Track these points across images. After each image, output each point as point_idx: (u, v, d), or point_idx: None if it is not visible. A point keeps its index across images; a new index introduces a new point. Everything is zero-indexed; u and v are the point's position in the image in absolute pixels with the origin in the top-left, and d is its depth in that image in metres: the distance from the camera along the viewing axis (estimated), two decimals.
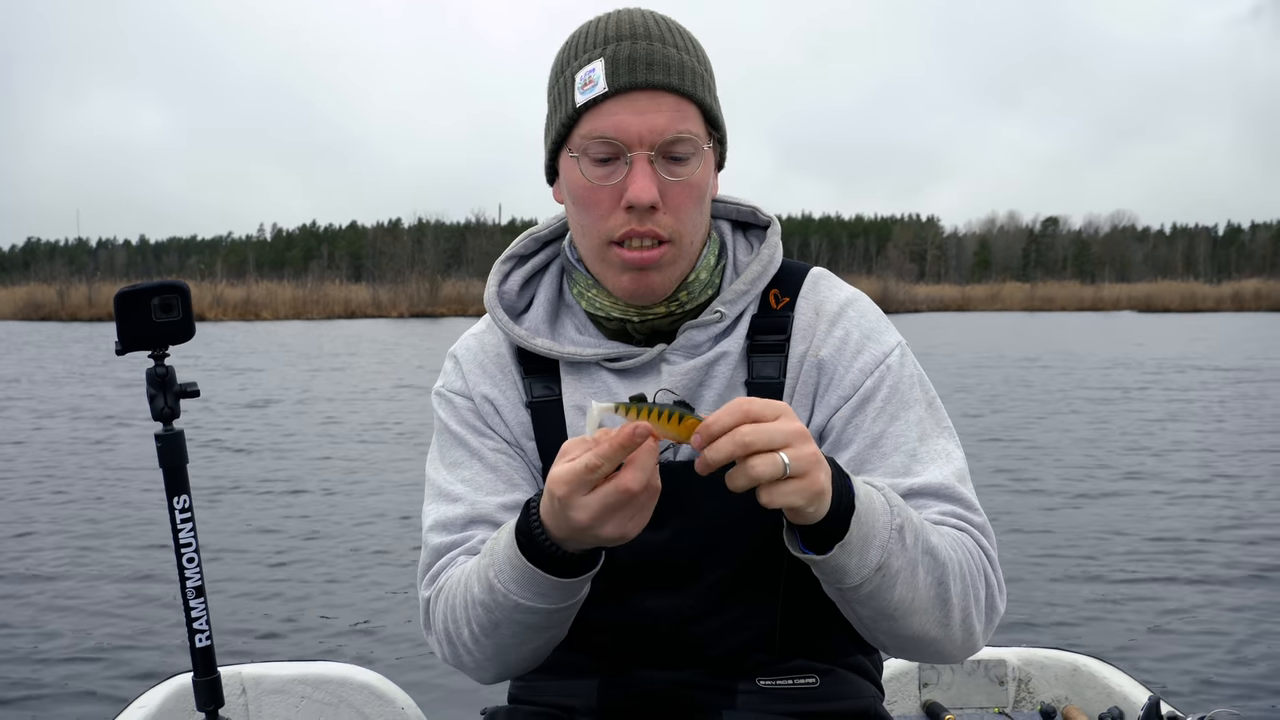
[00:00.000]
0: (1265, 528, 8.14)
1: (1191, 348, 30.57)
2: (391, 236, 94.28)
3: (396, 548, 7.75)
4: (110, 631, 5.98)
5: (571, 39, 1.56)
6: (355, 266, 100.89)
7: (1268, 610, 6.17)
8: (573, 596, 1.41)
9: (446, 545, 1.60)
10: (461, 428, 1.67)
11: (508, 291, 1.71)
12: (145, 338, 2.12)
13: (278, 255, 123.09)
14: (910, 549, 1.35)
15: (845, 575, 1.33)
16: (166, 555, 6.91)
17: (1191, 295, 71.86)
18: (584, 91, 1.48)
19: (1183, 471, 10.71)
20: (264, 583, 6.92)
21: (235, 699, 2.42)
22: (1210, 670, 5.23)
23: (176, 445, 2.16)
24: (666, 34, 1.52)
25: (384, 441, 12.98)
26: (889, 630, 1.43)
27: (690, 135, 1.50)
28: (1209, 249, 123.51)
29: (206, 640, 2.15)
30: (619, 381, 1.62)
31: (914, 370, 1.63)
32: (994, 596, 1.50)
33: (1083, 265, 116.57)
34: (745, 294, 1.63)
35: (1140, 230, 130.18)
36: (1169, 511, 8.83)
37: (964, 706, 2.65)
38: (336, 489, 10.06)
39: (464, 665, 1.59)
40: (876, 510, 1.33)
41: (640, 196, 1.47)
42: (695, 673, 1.59)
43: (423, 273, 66.82)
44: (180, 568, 2.15)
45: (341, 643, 5.77)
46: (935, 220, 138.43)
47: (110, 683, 5.21)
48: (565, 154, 1.55)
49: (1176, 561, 7.23)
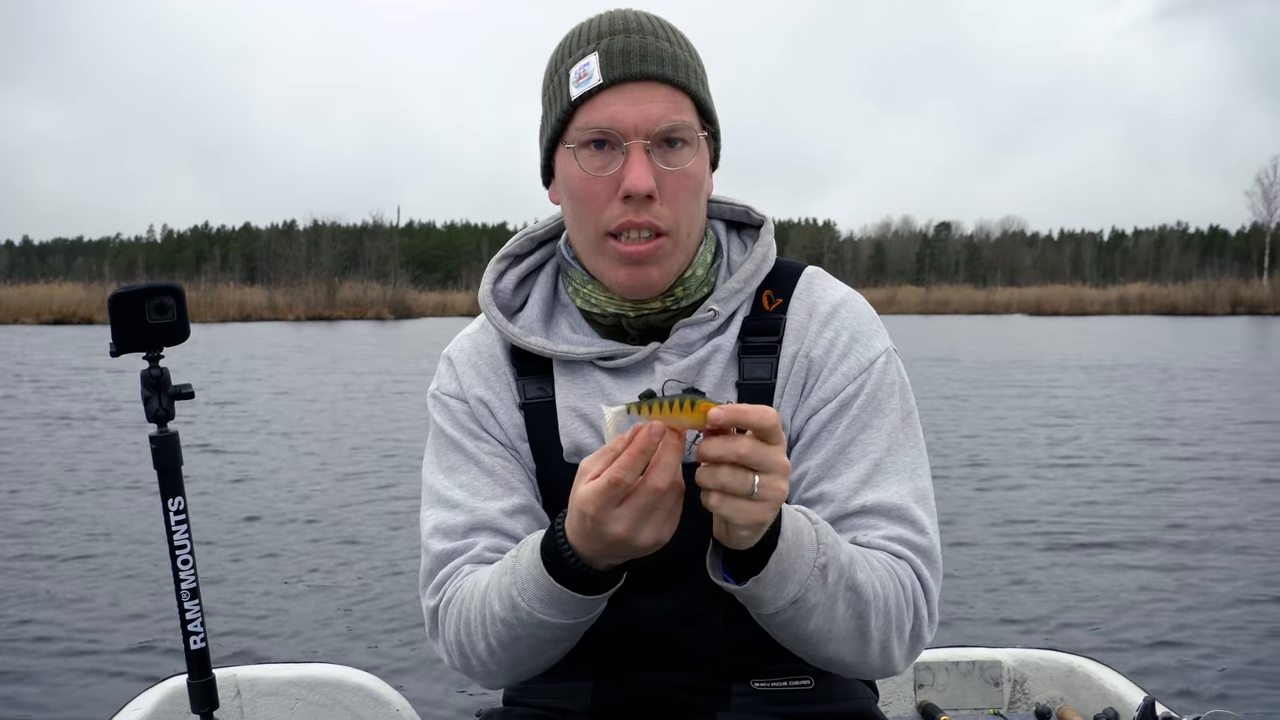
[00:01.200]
0: (1263, 531, 8.19)
1: (1140, 350, 31.16)
2: (287, 238, 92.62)
3: (391, 550, 7.69)
4: (104, 634, 5.92)
5: (563, 41, 1.57)
6: (249, 268, 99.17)
7: (1263, 611, 6.20)
8: (596, 610, 1.44)
9: (448, 553, 1.59)
10: (457, 431, 1.66)
11: (502, 290, 1.71)
12: (140, 339, 2.10)
13: (168, 257, 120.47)
14: (832, 586, 1.37)
15: (761, 604, 1.36)
16: (161, 556, 6.82)
17: (1080, 299, 73.63)
18: (579, 85, 1.50)
19: (1171, 471, 10.81)
20: (258, 584, 6.87)
21: (230, 701, 2.40)
22: (1205, 671, 5.27)
23: (171, 447, 2.13)
24: (660, 29, 1.54)
25: (369, 446, 12.80)
26: (804, 652, 1.47)
27: (685, 124, 1.51)
28: (1095, 254, 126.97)
29: (201, 642, 2.12)
30: (612, 381, 1.61)
31: (896, 378, 1.63)
32: (920, 627, 1.52)
33: (974, 269, 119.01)
34: (739, 292, 1.62)
35: (1029, 235, 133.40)
36: (1163, 513, 8.86)
37: (959, 707, 2.66)
38: (331, 493, 9.98)
39: (474, 674, 1.59)
40: (804, 546, 1.34)
41: (637, 184, 1.47)
42: (690, 674, 1.60)
43: (319, 275, 65.82)
44: (175, 569, 2.13)
45: (336, 645, 5.73)
46: (831, 224, 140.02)
47: (104, 685, 5.16)
48: (561, 149, 1.55)
49: (1172, 562, 7.28)
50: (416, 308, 66.05)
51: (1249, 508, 9.07)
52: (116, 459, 11.78)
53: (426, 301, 70.49)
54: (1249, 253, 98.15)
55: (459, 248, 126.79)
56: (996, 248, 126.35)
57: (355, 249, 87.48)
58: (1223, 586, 6.71)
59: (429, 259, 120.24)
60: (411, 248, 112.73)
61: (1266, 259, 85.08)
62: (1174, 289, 74.36)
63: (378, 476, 10.77)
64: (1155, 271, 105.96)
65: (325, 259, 72.08)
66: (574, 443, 1.60)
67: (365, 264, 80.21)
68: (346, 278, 68.93)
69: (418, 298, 69.84)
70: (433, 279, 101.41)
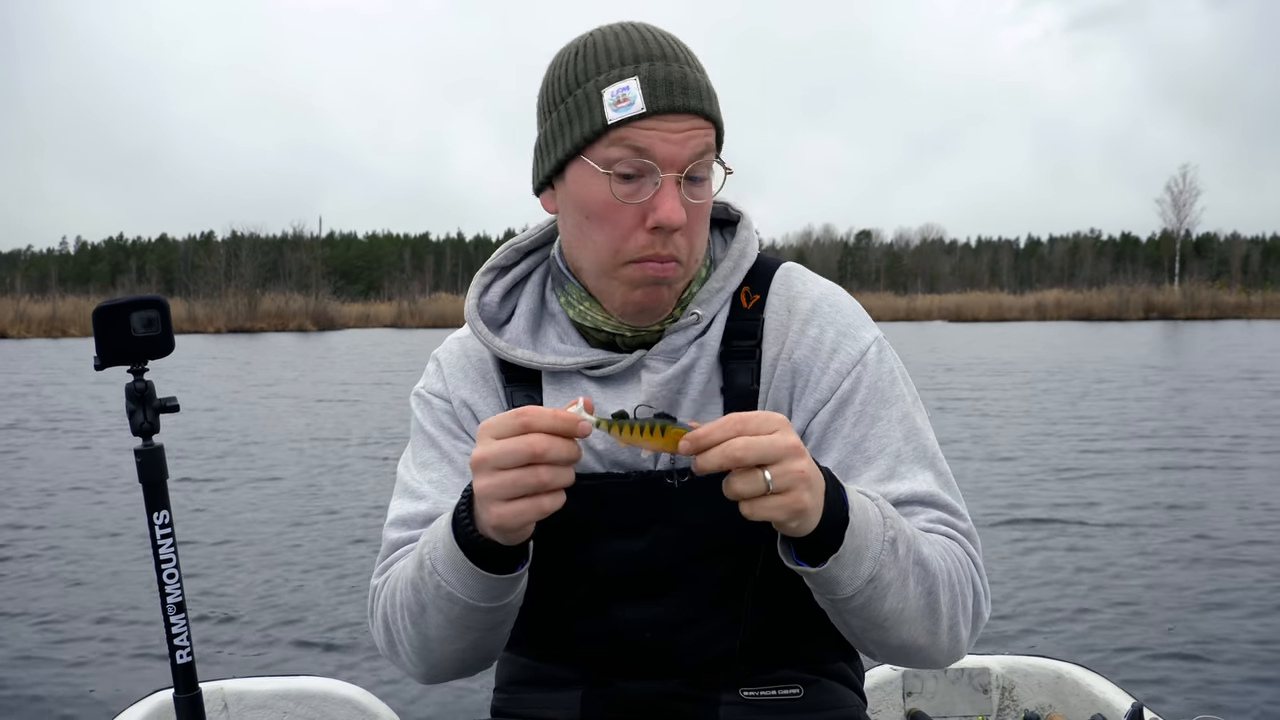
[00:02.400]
0: (1256, 539, 8.19)
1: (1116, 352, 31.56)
2: (205, 250, 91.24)
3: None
4: (90, 648, 5.85)
5: (584, 52, 1.53)
6: (167, 280, 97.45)
7: (1253, 617, 6.23)
8: (494, 597, 1.41)
9: (404, 540, 1.61)
10: (435, 429, 1.67)
11: (488, 304, 1.69)
12: (124, 352, 2.10)
13: (82, 269, 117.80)
14: (902, 560, 1.37)
15: (838, 587, 1.35)
16: (147, 570, 6.70)
17: (999, 305, 74.52)
18: (618, 109, 1.46)
19: (1162, 477, 10.87)
20: (246, 597, 6.83)
21: (217, 715, 2.38)
22: (1194, 677, 5.29)
23: (156, 460, 2.14)
24: (688, 56, 1.53)
25: (363, 457, 12.70)
26: (877, 639, 1.46)
27: (712, 158, 1.52)
28: (1012, 261, 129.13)
29: (188, 656, 2.12)
30: (600, 390, 1.60)
31: (892, 366, 1.61)
32: (980, 603, 1.52)
33: (895, 277, 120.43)
34: (720, 291, 1.61)
35: (948, 243, 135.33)
36: (1152, 518, 8.91)
37: (948, 715, 2.66)
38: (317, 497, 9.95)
39: (397, 657, 1.59)
40: (870, 522, 1.34)
41: (671, 218, 1.46)
42: (678, 683, 1.59)
43: (240, 287, 64.83)
44: (160, 583, 2.13)
45: (324, 657, 5.69)
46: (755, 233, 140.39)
47: (90, 700, 5.10)
48: (582, 166, 1.50)
49: (1161, 568, 7.31)
50: (339, 319, 65.25)
51: (1238, 514, 9.07)
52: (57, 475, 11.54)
53: (349, 313, 69.69)
54: (1160, 259, 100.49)
55: (381, 258, 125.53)
56: (916, 255, 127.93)
57: (276, 260, 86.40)
58: (1212, 592, 6.75)
59: (351, 269, 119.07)
60: (333, 258, 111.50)
61: (1178, 265, 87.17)
62: (1089, 295, 75.67)
63: (364, 482, 10.81)
64: (1070, 278, 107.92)
65: (246, 270, 71.09)
66: None
67: (286, 275, 79.14)
68: (268, 289, 67.94)
69: (340, 309, 69.04)
70: (355, 290, 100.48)
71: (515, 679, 1.69)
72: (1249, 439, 13.31)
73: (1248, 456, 11.99)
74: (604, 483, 1.56)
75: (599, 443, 1.57)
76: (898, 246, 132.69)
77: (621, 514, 1.56)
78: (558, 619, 1.63)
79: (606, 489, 1.55)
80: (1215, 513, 9.12)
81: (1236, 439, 13.31)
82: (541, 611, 1.63)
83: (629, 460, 1.56)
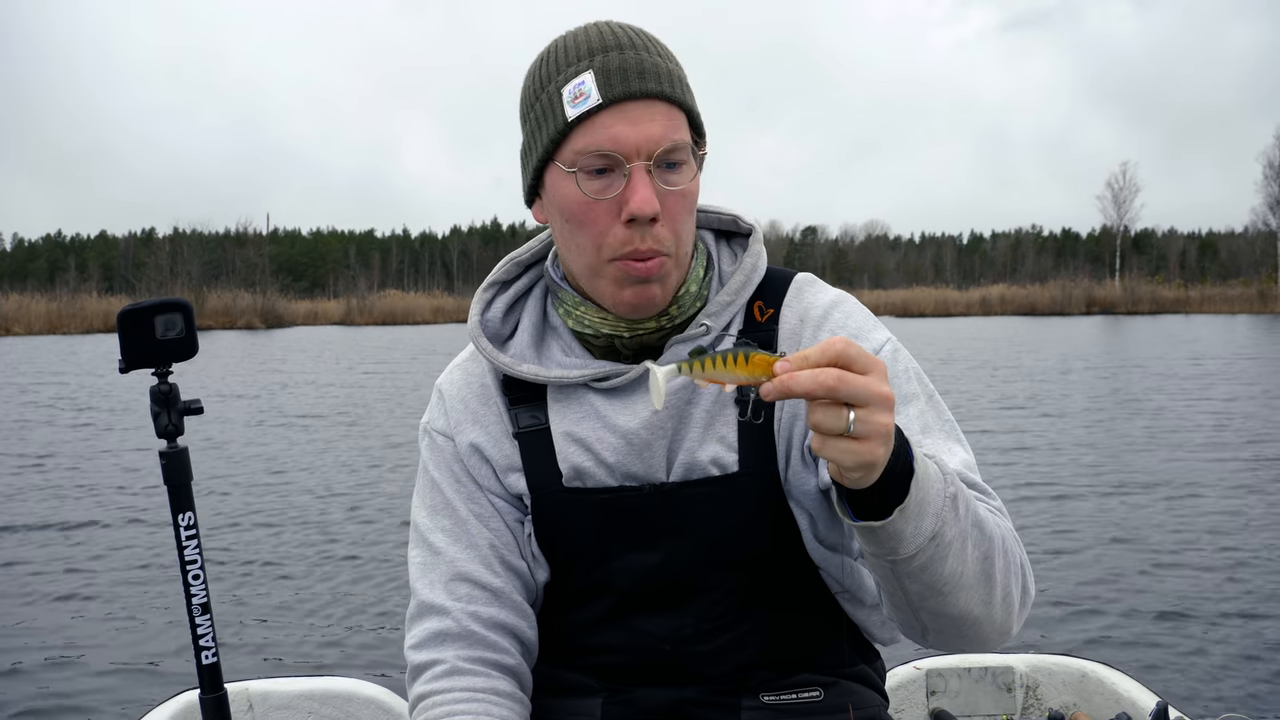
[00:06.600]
0: (1274, 532, 8.19)
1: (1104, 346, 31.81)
2: (147, 247, 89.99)
3: (403, 560, 7.58)
4: (116, 649, 5.86)
5: (547, 56, 1.53)
6: (108, 278, 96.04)
7: (1277, 614, 6.20)
8: None
9: (430, 608, 1.62)
10: (439, 473, 1.68)
11: (491, 320, 1.68)
12: (149, 355, 2.11)
13: (20, 266, 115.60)
14: (962, 519, 1.32)
15: (901, 543, 1.27)
16: (172, 571, 6.71)
17: (944, 301, 75.06)
18: (575, 105, 1.45)
19: (1188, 475, 10.74)
20: (270, 597, 6.81)
21: (242, 715, 2.39)
22: (1219, 676, 5.25)
23: (181, 462, 2.15)
24: (649, 43, 1.51)
25: (378, 463, 12.51)
26: (934, 608, 1.39)
27: (684, 143, 1.48)
28: (955, 256, 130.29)
29: (213, 657, 2.14)
30: (606, 401, 1.59)
31: (908, 364, 1.59)
32: (1027, 577, 1.48)
33: (841, 273, 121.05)
34: (730, 304, 1.60)
35: (893, 239, 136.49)
36: (1175, 515, 8.85)
37: (972, 714, 2.64)
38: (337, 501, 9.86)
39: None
40: (932, 477, 1.28)
41: (643, 208, 1.44)
42: (699, 690, 1.59)
43: (187, 284, 64.06)
44: (186, 584, 2.15)
45: (348, 657, 5.69)
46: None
47: (116, 701, 5.11)
48: (554, 170, 1.51)
49: (1185, 566, 7.28)
50: (288, 316, 64.75)
51: (1266, 510, 9.07)
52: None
53: (298, 310, 69.21)
54: (1100, 254, 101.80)
55: (326, 254, 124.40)
56: (861, 251, 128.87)
57: (221, 257, 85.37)
58: (1236, 590, 6.73)
59: (296, 266, 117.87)
60: (279, 255, 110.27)
61: (1118, 260, 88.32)
62: (1032, 290, 76.61)
63: (388, 482, 10.78)
64: (1013, 273, 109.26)
65: (192, 267, 70.24)
66: (572, 467, 1.59)
67: (233, 272, 78.27)
68: (214, 286, 67.17)
69: (289, 306, 68.46)
70: (300, 287, 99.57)
71: (535, 687, 1.68)
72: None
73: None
74: (617, 496, 1.57)
75: (610, 456, 1.57)
76: (843, 242, 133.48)
77: (635, 527, 1.57)
78: (578, 629, 1.65)
79: (620, 502, 1.57)
80: (1244, 510, 9.08)
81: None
82: (562, 622, 1.66)
83: (642, 473, 1.56)
